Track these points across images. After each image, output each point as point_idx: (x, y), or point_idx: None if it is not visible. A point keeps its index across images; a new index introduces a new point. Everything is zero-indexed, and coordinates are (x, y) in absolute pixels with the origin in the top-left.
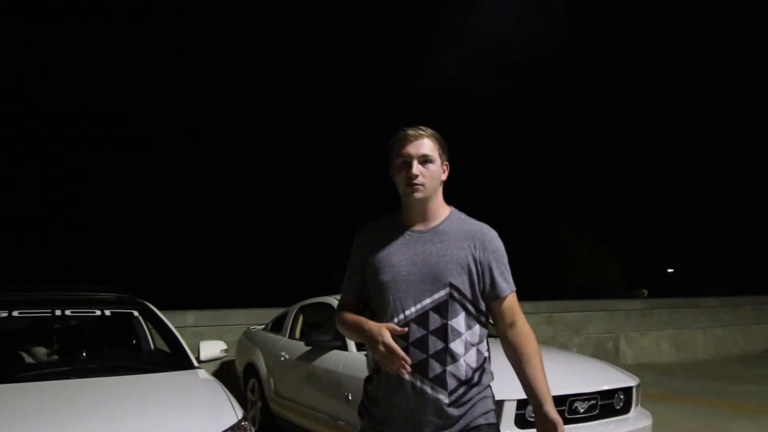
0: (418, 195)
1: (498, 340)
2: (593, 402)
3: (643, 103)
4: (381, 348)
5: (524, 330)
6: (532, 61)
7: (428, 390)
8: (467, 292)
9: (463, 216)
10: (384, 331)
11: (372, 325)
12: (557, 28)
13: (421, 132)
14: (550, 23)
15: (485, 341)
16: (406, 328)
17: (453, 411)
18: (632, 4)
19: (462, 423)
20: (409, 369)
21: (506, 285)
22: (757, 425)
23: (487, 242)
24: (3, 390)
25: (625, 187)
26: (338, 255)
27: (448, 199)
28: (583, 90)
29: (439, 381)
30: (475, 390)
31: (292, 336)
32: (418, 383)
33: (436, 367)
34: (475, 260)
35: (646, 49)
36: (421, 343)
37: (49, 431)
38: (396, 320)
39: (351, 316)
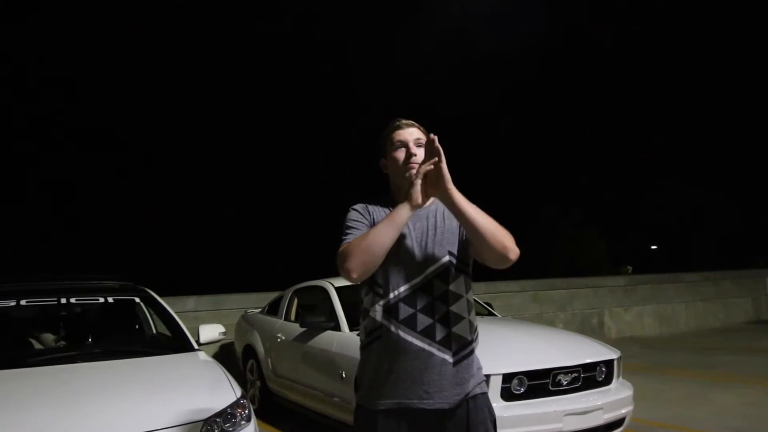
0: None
1: (484, 318)
2: (576, 375)
3: (625, 83)
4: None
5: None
6: (517, 47)
7: (435, 351)
8: (463, 255)
9: None
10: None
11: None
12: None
13: (411, 122)
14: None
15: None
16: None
17: (456, 374)
18: None
19: (464, 392)
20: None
21: None
22: (736, 394)
23: None
24: (15, 375)
25: (610, 168)
26: (326, 239)
27: None
28: (567, 74)
29: (445, 342)
30: (472, 357)
31: (287, 318)
32: (426, 347)
33: (442, 330)
34: (460, 228)
35: (626, 30)
36: (428, 309)
37: (59, 412)
38: (402, 289)
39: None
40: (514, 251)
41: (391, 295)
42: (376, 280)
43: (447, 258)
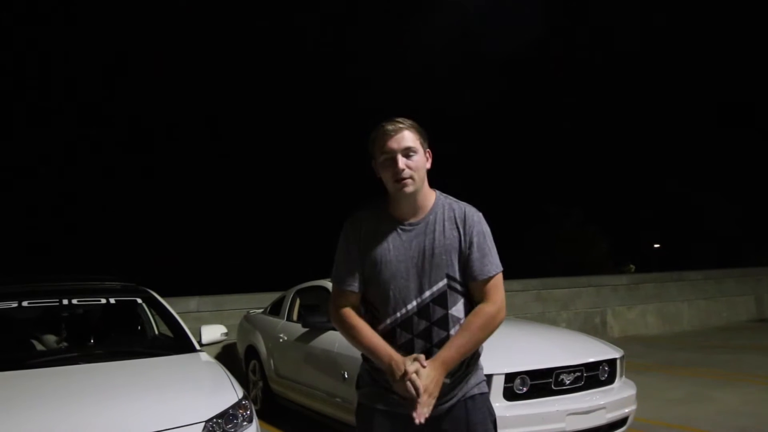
0: (408, 189)
1: None
2: (578, 374)
3: (626, 83)
4: (409, 386)
5: (485, 309)
6: (516, 49)
7: None
8: (464, 278)
9: (448, 200)
10: (410, 369)
11: (397, 358)
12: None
13: (400, 125)
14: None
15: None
16: (424, 357)
17: (452, 389)
18: None
19: (459, 395)
20: (422, 418)
21: (483, 268)
22: (739, 392)
23: (468, 225)
24: (16, 376)
25: (611, 167)
26: (329, 239)
27: (442, 183)
28: (567, 76)
29: None
30: (471, 369)
31: (289, 318)
32: None
33: None
34: (461, 244)
35: (627, 29)
36: (425, 335)
37: (61, 414)
38: (398, 314)
39: (365, 330)
40: (499, 324)
41: (388, 321)
42: (373, 303)
43: (444, 282)
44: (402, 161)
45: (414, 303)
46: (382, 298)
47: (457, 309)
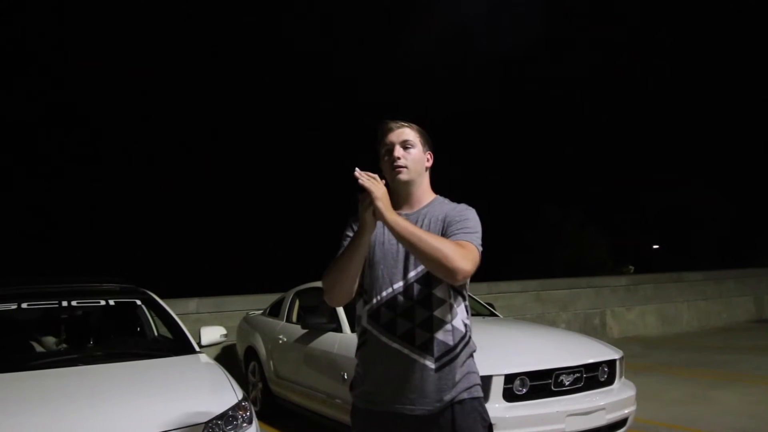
0: (402, 176)
1: (486, 318)
2: (578, 375)
3: (626, 83)
4: (368, 185)
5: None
6: (517, 46)
7: (415, 356)
8: None
9: (446, 200)
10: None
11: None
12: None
13: (402, 123)
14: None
15: (466, 310)
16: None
17: (439, 380)
18: None
19: (448, 398)
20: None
21: (455, 236)
22: (739, 393)
23: (457, 213)
24: (16, 378)
25: (611, 167)
26: (328, 240)
27: (442, 187)
28: (564, 77)
29: (426, 347)
30: (459, 361)
31: (289, 320)
32: (406, 351)
33: (423, 335)
34: (444, 227)
35: (626, 28)
36: (408, 313)
37: (61, 415)
38: (384, 293)
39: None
40: (455, 274)
41: (374, 300)
42: (363, 285)
43: None
44: (399, 151)
45: (400, 283)
46: (372, 279)
47: (441, 290)
